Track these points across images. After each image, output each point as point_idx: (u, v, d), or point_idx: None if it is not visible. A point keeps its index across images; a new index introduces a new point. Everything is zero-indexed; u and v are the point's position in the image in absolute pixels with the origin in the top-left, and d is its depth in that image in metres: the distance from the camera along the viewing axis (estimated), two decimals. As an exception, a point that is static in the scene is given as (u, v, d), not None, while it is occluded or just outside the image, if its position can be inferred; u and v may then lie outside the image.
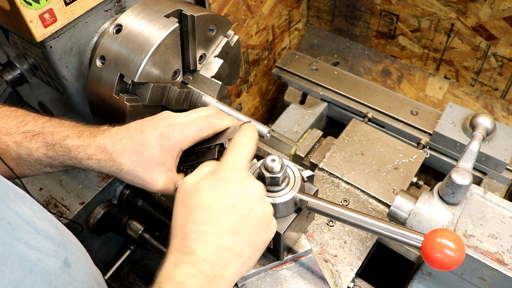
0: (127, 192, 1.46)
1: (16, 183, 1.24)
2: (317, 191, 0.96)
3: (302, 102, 1.70)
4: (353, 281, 1.07)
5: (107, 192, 1.40)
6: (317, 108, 1.66)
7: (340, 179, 1.26)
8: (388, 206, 1.19)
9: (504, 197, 1.39)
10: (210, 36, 1.16)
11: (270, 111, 2.17)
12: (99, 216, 1.39)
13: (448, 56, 1.79)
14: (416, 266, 1.12)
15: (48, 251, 0.60)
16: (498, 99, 1.78)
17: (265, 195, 0.85)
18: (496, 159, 1.38)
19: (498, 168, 1.41)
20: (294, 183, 0.91)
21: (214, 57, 1.20)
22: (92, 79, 1.08)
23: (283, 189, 0.90)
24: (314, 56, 1.88)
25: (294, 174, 0.92)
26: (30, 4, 0.91)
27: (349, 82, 1.69)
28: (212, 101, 1.13)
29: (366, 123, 1.53)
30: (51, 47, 1.04)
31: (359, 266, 1.08)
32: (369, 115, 1.57)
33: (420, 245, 0.77)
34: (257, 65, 1.91)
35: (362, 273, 1.13)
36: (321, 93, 1.66)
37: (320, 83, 1.69)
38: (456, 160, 1.37)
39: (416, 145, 1.51)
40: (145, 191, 1.41)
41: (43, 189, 1.36)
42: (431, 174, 1.72)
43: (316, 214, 1.13)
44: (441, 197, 0.95)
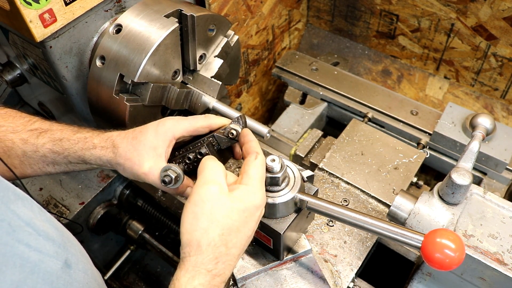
0: (127, 192, 1.46)
1: (16, 184, 1.24)
2: (317, 191, 0.96)
3: (302, 102, 1.70)
4: (353, 281, 1.07)
5: (107, 192, 1.40)
6: (317, 108, 1.66)
7: (340, 179, 1.26)
8: (388, 206, 1.19)
9: (504, 197, 1.39)
10: (210, 36, 1.16)
11: (270, 111, 2.17)
12: (99, 216, 1.39)
13: (448, 56, 1.79)
14: (416, 266, 1.12)
15: (49, 252, 0.60)
16: (498, 99, 1.78)
17: (266, 196, 0.88)
18: (496, 159, 1.38)
19: (498, 168, 1.41)
20: (294, 183, 0.91)
21: (214, 57, 1.20)
22: (92, 79, 1.08)
23: (283, 189, 0.90)
24: (314, 56, 1.88)
25: (294, 174, 0.92)
26: (30, 4, 0.91)
27: (349, 82, 1.69)
28: (212, 101, 1.13)
29: (366, 123, 1.53)
30: (51, 47, 1.04)
31: (359, 266, 1.08)
32: (369, 115, 1.57)
33: (420, 245, 0.77)
34: (257, 65, 1.91)
35: (362, 273, 1.13)
36: (321, 93, 1.66)
37: (320, 83, 1.69)
38: (456, 160, 1.37)
39: (416, 145, 1.51)
40: (145, 191, 1.41)
41: (43, 189, 1.36)
42: (431, 174, 1.72)
43: (316, 214, 1.13)
44: (441, 197, 0.95)
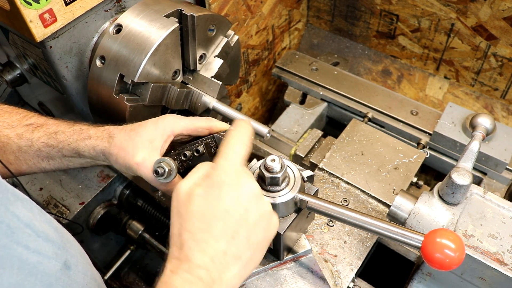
0: (127, 192, 1.46)
1: (15, 185, 1.24)
2: (317, 191, 0.96)
3: (302, 102, 1.70)
4: (353, 281, 1.07)
5: (107, 192, 1.40)
6: (317, 108, 1.66)
7: (340, 179, 1.26)
8: (388, 206, 1.19)
9: (504, 197, 1.39)
10: (210, 36, 1.16)
11: (270, 111, 2.17)
12: (99, 216, 1.39)
13: (448, 56, 1.79)
14: (416, 266, 1.12)
15: (48, 253, 0.60)
16: (498, 99, 1.78)
17: (263, 194, 0.84)
18: (496, 159, 1.38)
19: (498, 168, 1.41)
20: (294, 183, 0.91)
21: (214, 57, 1.20)
22: (92, 79, 1.08)
23: (283, 189, 0.90)
24: (314, 56, 1.88)
25: (294, 174, 0.92)
26: (30, 4, 0.91)
27: (349, 82, 1.69)
28: (212, 101, 1.13)
29: (366, 123, 1.53)
30: (51, 47, 1.04)
31: (359, 266, 1.08)
32: (369, 115, 1.57)
33: (420, 245, 0.77)
34: (257, 65, 1.91)
35: (362, 273, 1.13)
36: (321, 93, 1.66)
37: (320, 83, 1.69)
38: (456, 160, 1.37)
39: (416, 145, 1.51)
40: (145, 191, 1.41)
41: (43, 189, 1.36)
42: (431, 174, 1.72)
43: (316, 214, 1.13)
44: (441, 197, 0.95)
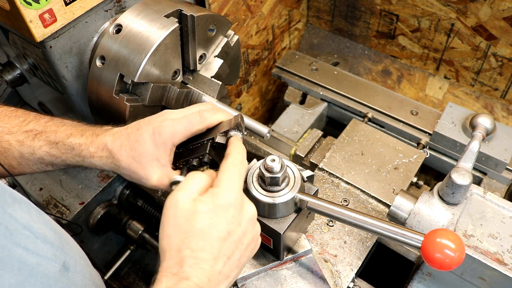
0: (127, 192, 1.46)
1: (14, 185, 1.24)
2: (317, 191, 0.96)
3: (302, 102, 1.70)
4: (353, 281, 1.07)
5: (107, 192, 1.40)
6: (317, 108, 1.66)
7: (340, 179, 1.26)
8: (388, 206, 1.19)
9: (504, 197, 1.39)
10: (210, 36, 1.16)
11: (270, 111, 2.17)
12: (99, 216, 1.39)
13: (448, 56, 1.79)
14: (416, 266, 1.12)
15: (47, 255, 0.60)
16: (498, 99, 1.78)
17: (263, 195, 0.87)
18: (496, 159, 1.38)
19: (498, 168, 1.41)
20: (294, 183, 0.91)
21: (214, 57, 1.20)
22: (92, 79, 1.08)
23: (283, 189, 0.90)
24: (314, 56, 1.88)
25: (294, 174, 0.92)
26: (30, 4, 0.91)
27: (349, 82, 1.69)
28: (212, 101, 1.13)
29: (366, 123, 1.53)
30: (51, 47, 1.04)
31: (359, 266, 1.08)
32: (369, 115, 1.57)
33: (420, 245, 0.77)
34: (257, 65, 1.91)
35: (362, 273, 1.13)
36: (321, 93, 1.66)
37: (320, 83, 1.69)
38: (456, 160, 1.37)
39: (416, 145, 1.51)
40: (145, 191, 1.41)
41: (43, 189, 1.36)
42: (431, 174, 1.72)
43: (316, 214, 1.13)
44: (441, 197, 0.95)
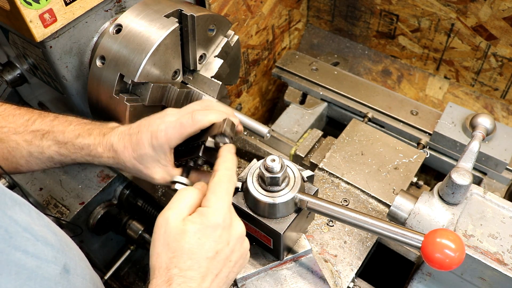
0: (127, 192, 1.46)
1: (14, 185, 1.24)
2: (317, 191, 0.96)
3: (302, 102, 1.70)
4: (353, 281, 1.07)
5: (107, 192, 1.40)
6: (317, 108, 1.66)
7: (340, 179, 1.26)
8: (388, 206, 1.19)
9: (504, 197, 1.39)
10: (210, 36, 1.16)
11: (270, 111, 2.17)
12: (99, 216, 1.39)
13: (448, 56, 1.79)
14: (416, 266, 1.12)
15: (47, 257, 0.60)
16: (498, 99, 1.78)
17: (263, 195, 0.88)
18: (496, 159, 1.38)
19: (498, 168, 1.41)
20: (294, 183, 0.91)
21: (214, 57, 1.20)
22: (92, 79, 1.08)
23: (283, 189, 0.90)
24: (314, 56, 1.88)
25: (294, 174, 0.92)
26: (30, 4, 0.91)
27: (349, 82, 1.69)
28: (212, 101, 1.13)
29: (366, 123, 1.53)
30: (51, 47, 1.04)
31: (359, 266, 1.08)
32: (369, 115, 1.57)
33: (420, 245, 0.77)
34: (257, 65, 1.91)
35: (362, 273, 1.13)
36: (321, 93, 1.66)
37: (320, 83, 1.69)
38: (456, 160, 1.36)
39: (416, 145, 1.51)
40: (145, 191, 1.41)
41: (43, 189, 1.36)
42: (431, 174, 1.72)
43: (316, 214, 1.13)
44: (441, 197, 0.95)
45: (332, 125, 1.73)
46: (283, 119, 1.64)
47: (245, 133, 1.55)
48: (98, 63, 1.06)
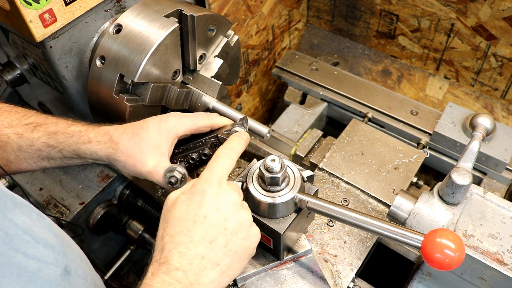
0: (127, 192, 1.46)
1: (14, 185, 1.24)
2: (317, 191, 0.96)
3: (302, 102, 1.70)
4: (353, 281, 1.07)
5: (107, 192, 1.40)
6: (317, 108, 1.66)
7: (340, 179, 1.26)
8: (388, 206, 1.19)
9: (504, 197, 1.39)
10: (210, 36, 1.16)
11: (270, 111, 2.17)
12: (99, 216, 1.39)
13: (448, 56, 1.79)
14: (416, 266, 1.12)
15: (48, 259, 0.60)
16: (498, 99, 1.78)
17: (263, 195, 0.87)
18: (496, 159, 1.38)
19: (498, 168, 1.41)
20: (294, 183, 0.91)
21: (214, 57, 1.20)
22: (92, 79, 1.08)
23: (283, 189, 0.90)
24: (314, 56, 1.88)
25: (294, 174, 0.92)
26: (30, 4, 0.91)
27: (349, 82, 1.69)
28: (212, 101, 1.13)
29: (366, 123, 1.53)
30: (51, 47, 1.04)
31: (359, 266, 1.08)
32: (369, 115, 1.57)
33: (420, 245, 0.77)
34: (257, 65, 1.91)
35: (362, 273, 1.13)
36: (321, 93, 1.66)
37: (320, 83, 1.69)
38: (456, 160, 1.36)
39: (416, 145, 1.51)
40: (145, 191, 1.41)
41: (43, 189, 1.36)
42: (431, 174, 1.72)
43: (316, 214, 1.13)
44: (441, 197, 0.95)
45: (332, 125, 1.73)
46: (283, 119, 1.64)
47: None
48: (98, 63, 1.06)
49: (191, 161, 0.95)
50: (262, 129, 1.06)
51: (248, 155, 1.57)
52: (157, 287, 0.69)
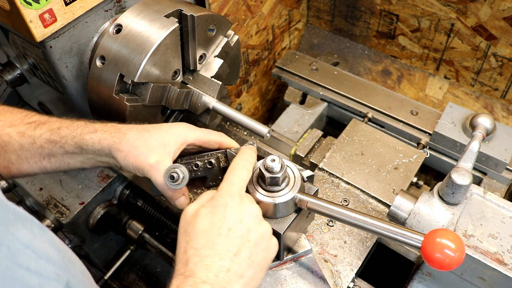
0: (127, 192, 1.46)
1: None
2: (317, 191, 0.96)
3: (302, 102, 1.70)
4: (353, 281, 1.07)
5: (107, 192, 1.40)
6: (317, 108, 1.66)
7: (340, 179, 1.26)
8: (388, 206, 1.19)
9: (504, 197, 1.39)
10: (210, 36, 1.16)
11: (270, 111, 2.17)
12: (99, 216, 1.39)
13: (448, 56, 1.79)
14: (416, 266, 1.12)
15: (49, 274, 0.59)
16: (498, 99, 1.78)
17: (263, 194, 0.88)
18: (496, 159, 1.38)
19: (498, 168, 1.41)
20: (294, 183, 0.91)
21: (214, 57, 1.20)
22: (92, 79, 1.08)
23: (283, 189, 0.90)
24: (314, 56, 1.88)
25: (294, 174, 0.92)
26: (30, 4, 0.91)
27: (349, 82, 1.69)
28: (212, 101, 1.13)
29: (366, 123, 1.53)
30: (51, 47, 1.04)
31: (359, 266, 1.08)
32: (369, 115, 1.57)
33: (420, 245, 0.77)
34: (257, 65, 1.91)
35: (362, 273, 1.13)
36: (321, 93, 1.66)
37: (320, 83, 1.69)
38: (456, 160, 1.36)
39: (416, 145, 1.51)
40: (145, 191, 1.41)
41: (43, 189, 1.36)
42: (431, 174, 1.72)
43: (316, 214, 1.13)
44: (441, 197, 0.95)
45: (332, 125, 1.73)
46: (283, 119, 1.64)
47: (245, 133, 1.55)
48: (98, 63, 1.06)
49: (194, 168, 0.95)
50: (262, 129, 1.06)
51: (248, 155, 1.57)
52: None
